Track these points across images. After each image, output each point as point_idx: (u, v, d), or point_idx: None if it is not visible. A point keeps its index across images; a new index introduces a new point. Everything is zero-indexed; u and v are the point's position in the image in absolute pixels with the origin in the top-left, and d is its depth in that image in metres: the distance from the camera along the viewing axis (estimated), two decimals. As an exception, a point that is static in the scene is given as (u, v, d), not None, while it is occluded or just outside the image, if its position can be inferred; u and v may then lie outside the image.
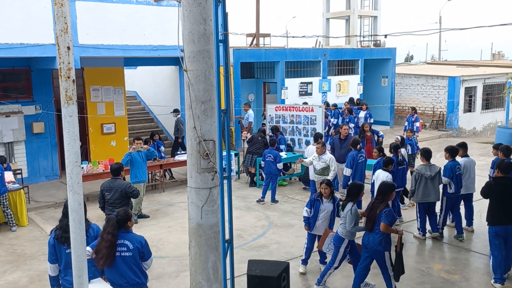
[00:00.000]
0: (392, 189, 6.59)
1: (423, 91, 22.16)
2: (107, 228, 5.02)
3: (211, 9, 4.04)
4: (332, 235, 6.89)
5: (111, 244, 4.96)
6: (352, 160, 9.66)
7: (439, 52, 44.08)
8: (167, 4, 12.08)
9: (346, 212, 6.57)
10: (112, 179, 7.72)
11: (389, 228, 6.29)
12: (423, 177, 8.38)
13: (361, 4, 23.69)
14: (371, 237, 6.36)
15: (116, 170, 7.76)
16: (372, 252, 6.42)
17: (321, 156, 9.71)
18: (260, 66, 19.11)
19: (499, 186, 6.85)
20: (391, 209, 6.43)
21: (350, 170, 9.66)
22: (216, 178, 4.20)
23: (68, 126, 3.72)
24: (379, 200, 6.47)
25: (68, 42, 3.59)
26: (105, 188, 7.63)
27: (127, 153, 10.17)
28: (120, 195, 7.51)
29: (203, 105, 4.08)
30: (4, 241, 9.09)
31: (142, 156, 10.14)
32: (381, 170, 8.62)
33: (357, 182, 7.34)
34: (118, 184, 7.56)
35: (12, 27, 9.99)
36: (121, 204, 7.34)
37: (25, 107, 12.59)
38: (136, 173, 10.04)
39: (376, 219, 6.30)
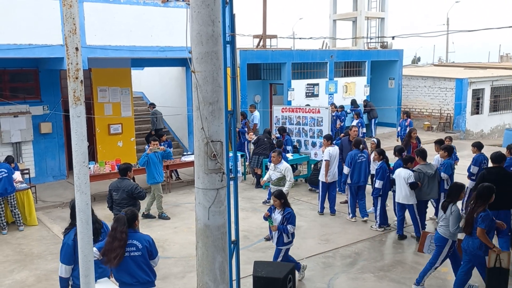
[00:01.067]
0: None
1: (430, 93, 22.06)
2: (119, 227, 5.04)
3: (219, 11, 4.05)
4: (431, 236, 6.87)
5: (124, 243, 5.02)
6: (351, 159, 9.67)
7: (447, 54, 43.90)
8: (174, 5, 12.12)
9: (448, 213, 6.49)
10: (120, 179, 7.76)
11: (485, 237, 6.04)
12: (425, 176, 8.57)
13: (368, 5, 23.63)
14: (470, 241, 6.23)
15: (123, 170, 7.80)
16: (472, 256, 6.29)
17: (277, 165, 9.29)
18: (267, 67, 19.11)
19: (491, 174, 7.51)
20: (488, 213, 6.14)
21: (348, 169, 9.68)
22: (224, 179, 4.21)
23: (76, 126, 3.75)
24: (478, 203, 6.19)
25: (76, 43, 3.61)
26: (113, 188, 7.68)
27: (144, 154, 10.41)
28: (127, 195, 7.54)
29: (211, 106, 4.09)
30: (12, 240, 9.15)
31: (158, 157, 10.34)
32: (402, 168, 8.68)
33: (458, 183, 6.88)
34: (125, 184, 7.59)
35: (21, 28, 10.07)
36: (127, 205, 7.36)
37: (33, 108, 12.68)
38: (153, 173, 10.23)
39: (473, 223, 6.16)
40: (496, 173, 7.60)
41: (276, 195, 6.89)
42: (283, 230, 6.81)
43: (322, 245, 8.66)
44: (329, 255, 8.24)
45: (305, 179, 12.93)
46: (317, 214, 10.40)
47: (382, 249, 8.53)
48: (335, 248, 8.49)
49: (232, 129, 5.24)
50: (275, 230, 6.84)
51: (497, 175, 7.50)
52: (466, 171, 9.78)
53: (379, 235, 9.10)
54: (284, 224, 6.81)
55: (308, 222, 9.93)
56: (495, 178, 7.28)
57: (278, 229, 6.82)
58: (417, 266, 7.70)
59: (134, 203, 7.55)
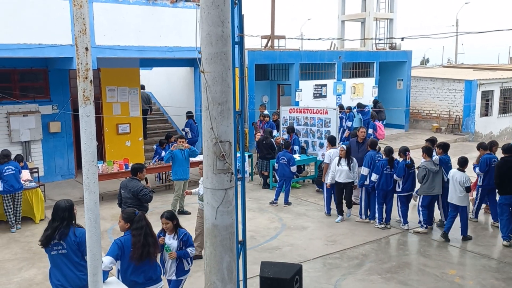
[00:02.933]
0: None
1: (439, 94, 21.94)
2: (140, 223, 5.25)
3: (229, 12, 4.06)
4: None
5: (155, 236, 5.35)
6: (370, 159, 9.64)
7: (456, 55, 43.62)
8: (183, 5, 12.15)
9: None
10: (130, 179, 7.81)
11: None
12: (430, 172, 9.01)
13: (377, 6, 23.55)
14: None
15: (134, 170, 7.84)
16: None
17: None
18: (275, 68, 19.11)
19: (506, 162, 8.54)
20: None
21: (367, 170, 9.64)
22: (232, 179, 4.21)
23: (85, 126, 3.78)
24: None
25: (86, 43, 3.65)
26: (122, 186, 7.76)
27: (168, 151, 10.63)
28: (132, 195, 7.56)
29: (220, 106, 4.10)
30: (21, 238, 9.22)
31: (184, 155, 10.45)
32: (457, 170, 8.81)
33: None
34: (132, 184, 7.62)
35: (30, 28, 10.14)
36: (133, 204, 7.41)
37: (42, 107, 12.77)
38: (176, 170, 10.38)
39: None
40: (510, 161, 8.54)
41: (167, 217, 5.85)
42: (184, 256, 5.77)
43: (329, 246, 8.64)
44: (336, 256, 8.22)
45: (312, 180, 12.91)
46: (324, 215, 10.38)
47: (389, 250, 8.50)
48: (342, 250, 8.47)
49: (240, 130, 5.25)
50: (173, 257, 5.71)
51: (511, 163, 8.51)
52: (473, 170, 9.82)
53: (387, 237, 9.07)
54: (183, 249, 5.79)
55: (315, 223, 9.92)
56: (509, 166, 8.47)
57: (177, 256, 5.73)
58: (424, 268, 7.67)
59: (140, 204, 7.58)
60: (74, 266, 5.08)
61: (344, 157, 9.76)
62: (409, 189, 9.40)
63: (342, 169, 9.76)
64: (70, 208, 5.22)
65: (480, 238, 9.03)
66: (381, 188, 9.35)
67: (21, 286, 7.25)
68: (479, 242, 8.82)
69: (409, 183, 9.32)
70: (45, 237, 5.09)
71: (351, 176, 9.82)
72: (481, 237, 9.12)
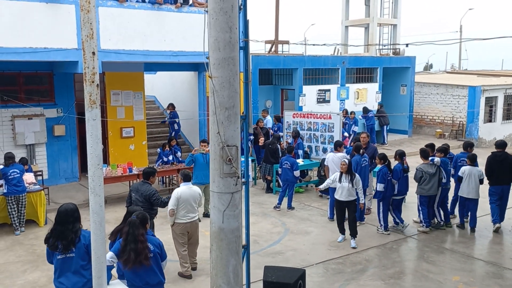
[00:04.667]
0: None
1: (442, 100, 21.92)
2: (135, 231, 5.18)
3: (236, 18, 4.10)
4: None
5: (146, 245, 5.15)
6: (356, 164, 9.69)
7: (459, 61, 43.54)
8: (188, 10, 12.22)
9: None
10: (142, 182, 7.84)
11: None
12: (426, 174, 9.39)
13: (381, 12, 23.58)
14: None
15: (146, 174, 7.87)
16: None
17: None
18: (278, 73, 19.15)
19: (497, 157, 9.60)
20: None
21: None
22: (238, 183, 4.24)
23: (91, 129, 3.81)
24: None
25: (93, 48, 3.68)
26: (133, 189, 7.78)
27: (189, 154, 10.65)
28: (144, 199, 7.59)
29: (227, 111, 4.13)
30: (25, 241, 9.25)
31: (206, 159, 10.36)
32: (469, 166, 9.44)
33: None
34: (145, 188, 7.65)
35: (36, 32, 10.20)
36: (143, 207, 7.41)
37: (47, 110, 12.83)
38: (197, 174, 10.37)
39: None
40: (500, 155, 9.59)
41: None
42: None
43: (332, 251, 8.64)
44: (339, 261, 8.21)
45: (315, 185, 12.91)
46: (327, 220, 10.37)
47: (393, 256, 8.48)
48: (345, 255, 8.46)
49: (244, 134, 5.28)
50: None
51: (500, 157, 9.57)
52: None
53: (390, 242, 9.06)
54: None
55: (318, 228, 9.91)
56: (498, 160, 9.53)
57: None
58: (428, 274, 7.65)
59: (150, 207, 7.60)
60: (82, 269, 5.07)
61: (345, 173, 8.84)
62: (404, 192, 9.63)
63: (343, 186, 8.80)
64: (77, 211, 5.21)
65: (483, 245, 9.01)
66: (388, 195, 9.35)
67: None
68: (482, 248, 8.80)
69: (404, 186, 9.49)
70: (53, 241, 5.06)
71: (353, 193, 8.86)
72: (484, 243, 9.10)
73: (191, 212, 7.50)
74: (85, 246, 5.03)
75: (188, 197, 7.49)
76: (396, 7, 23.36)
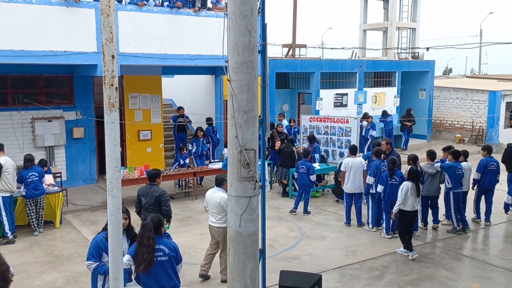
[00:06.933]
0: None
1: (462, 105, 21.62)
2: (145, 233, 5.16)
3: (256, 22, 4.09)
4: None
5: (152, 248, 5.11)
6: (376, 169, 9.61)
7: (479, 66, 42.93)
8: (206, 14, 12.27)
9: None
10: (149, 185, 7.83)
11: None
12: (426, 174, 9.65)
13: (400, 16, 23.37)
14: None
15: (152, 176, 7.88)
16: None
17: None
18: (295, 76, 19.11)
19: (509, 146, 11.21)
20: None
21: (373, 179, 9.63)
22: (256, 187, 4.22)
23: (110, 132, 3.84)
24: None
25: (112, 51, 3.71)
26: (141, 193, 7.77)
27: (225, 158, 10.59)
28: (154, 201, 7.60)
29: (246, 114, 4.12)
30: (43, 242, 9.36)
31: None
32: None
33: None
34: (154, 190, 7.66)
35: (57, 35, 10.35)
36: (155, 210, 7.44)
37: (66, 113, 13.00)
38: None
39: None
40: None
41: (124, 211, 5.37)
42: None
43: (349, 257, 8.55)
44: (355, 267, 8.13)
45: (332, 189, 12.83)
46: (344, 225, 10.29)
47: (410, 262, 8.35)
48: (362, 260, 8.37)
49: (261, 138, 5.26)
50: None
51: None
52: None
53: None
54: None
55: (335, 233, 9.83)
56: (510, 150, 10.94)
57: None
58: (446, 281, 7.52)
59: (161, 209, 7.61)
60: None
61: (412, 182, 8.63)
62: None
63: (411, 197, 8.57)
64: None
65: (503, 252, 8.83)
66: (387, 198, 9.34)
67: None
68: (502, 256, 8.62)
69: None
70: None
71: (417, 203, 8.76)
72: (505, 250, 8.92)
73: (212, 215, 7.54)
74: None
75: (209, 201, 7.57)
76: (415, 10, 23.13)
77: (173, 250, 5.30)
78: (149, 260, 5.06)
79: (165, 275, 5.22)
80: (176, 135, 15.00)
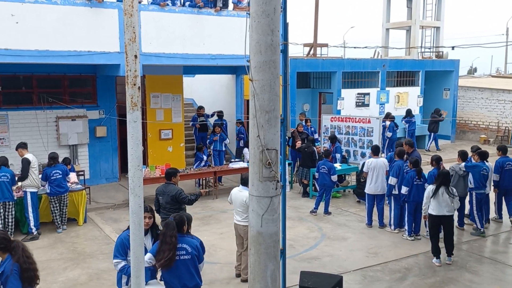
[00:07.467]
0: None
1: (487, 105, 21.19)
2: (168, 231, 5.19)
3: (278, 21, 4.06)
4: None
5: (174, 246, 5.14)
6: (399, 169, 9.46)
7: (505, 65, 41.99)
8: (227, 14, 12.30)
9: None
10: (166, 184, 7.88)
11: None
12: (456, 174, 9.54)
13: (423, 14, 23.04)
14: None
15: (168, 174, 7.92)
16: None
17: None
18: (317, 76, 19.00)
19: None
20: None
21: (395, 180, 9.48)
22: (278, 187, 4.19)
23: (132, 131, 3.85)
24: None
25: (135, 51, 3.73)
26: (159, 192, 7.82)
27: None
28: (171, 200, 7.64)
29: (267, 114, 4.10)
30: (66, 239, 9.51)
31: None
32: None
33: None
34: (170, 189, 7.69)
35: (80, 36, 10.50)
36: (172, 208, 7.48)
37: (90, 112, 13.20)
38: None
39: None
40: None
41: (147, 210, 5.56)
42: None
43: (370, 258, 8.45)
44: (377, 269, 8.03)
45: (353, 190, 12.71)
46: (365, 226, 10.18)
47: (433, 265, 8.21)
48: (383, 262, 8.26)
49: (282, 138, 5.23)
50: None
51: None
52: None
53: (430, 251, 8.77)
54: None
55: (356, 234, 9.73)
56: None
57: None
58: (471, 284, 7.37)
59: (179, 207, 7.64)
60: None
61: (442, 184, 8.13)
62: None
63: (439, 199, 8.09)
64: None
65: (531, 256, 8.61)
66: (412, 200, 9.20)
67: (66, 285, 7.45)
68: (530, 260, 8.41)
69: None
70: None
71: (452, 207, 8.17)
72: (532, 255, 8.70)
73: (237, 214, 7.56)
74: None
75: (235, 200, 7.60)
76: (440, 9, 22.78)
77: (195, 249, 5.30)
78: (170, 257, 5.09)
79: (188, 274, 5.22)
80: (197, 135, 15.08)
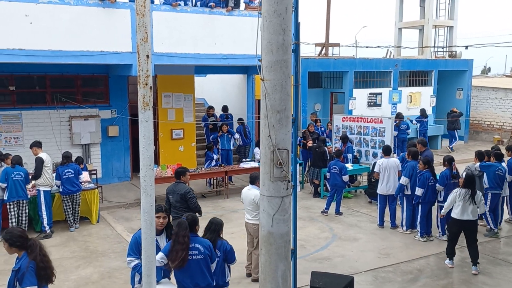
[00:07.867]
0: None
1: (501, 105, 20.94)
2: (181, 231, 5.20)
3: (290, 20, 4.05)
4: None
5: (186, 246, 5.16)
6: (412, 170, 9.39)
7: (520, 64, 41.46)
8: (239, 14, 12.30)
9: None
10: (175, 183, 7.91)
11: None
12: (473, 174, 9.10)
13: (436, 14, 22.83)
14: None
15: (177, 173, 7.95)
16: None
17: None
18: (328, 76, 18.93)
19: None
20: None
21: (407, 180, 9.41)
22: (289, 187, 4.18)
23: (144, 130, 3.87)
24: None
25: (147, 51, 3.74)
26: (169, 191, 7.85)
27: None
28: (181, 199, 7.66)
29: (279, 114, 4.09)
30: (79, 237, 9.59)
31: None
32: None
33: None
34: (180, 188, 7.72)
35: (93, 36, 10.56)
36: (182, 207, 7.49)
37: (102, 111, 13.29)
38: None
39: None
40: None
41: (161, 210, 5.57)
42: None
43: (382, 259, 8.40)
44: (389, 270, 7.98)
45: (365, 190, 12.64)
46: (377, 227, 10.12)
47: (446, 266, 8.13)
48: (395, 263, 8.21)
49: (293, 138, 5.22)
50: None
51: None
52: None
53: (443, 252, 8.69)
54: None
55: (367, 235, 9.68)
56: None
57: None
58: (484, 286, 7.29)
59: (188, 206, 7.65)
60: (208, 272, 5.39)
61: (464, 188, 7.95)
62: None
63: (462, 204, 7.83)
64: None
65: (546, 258, 8.49)
66: (427, 201, 9.13)
67: (78, 283, 7.52)
68: (544, 263, 8.29)
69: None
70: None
71: (476, 211, 7.90)
72: (547, 257, 8.58)
73: (247, 213, 7.58)
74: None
75: (245, 198, 7.61)
76: (453, 8, 22.56)
77: (208, 249, 5.31)
78: (183, 257, 5.11)
79: (200, 274, 5.23)
80: (208, 135, 15.11)
